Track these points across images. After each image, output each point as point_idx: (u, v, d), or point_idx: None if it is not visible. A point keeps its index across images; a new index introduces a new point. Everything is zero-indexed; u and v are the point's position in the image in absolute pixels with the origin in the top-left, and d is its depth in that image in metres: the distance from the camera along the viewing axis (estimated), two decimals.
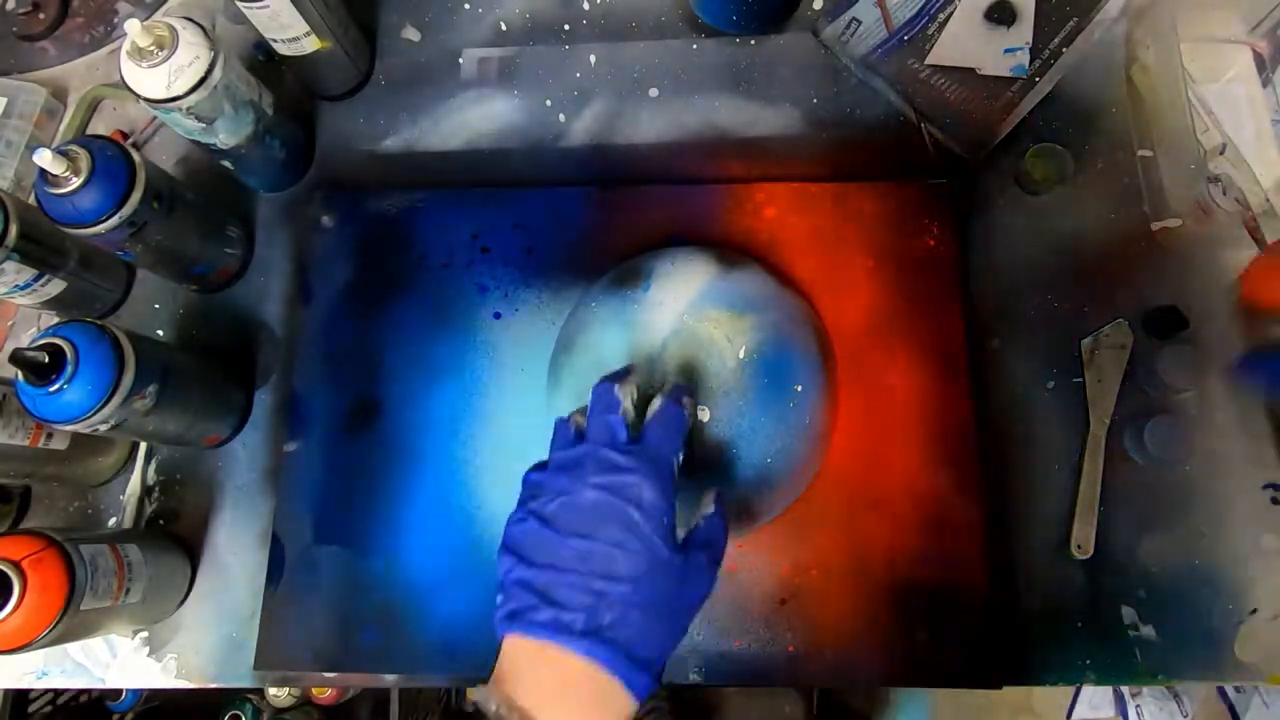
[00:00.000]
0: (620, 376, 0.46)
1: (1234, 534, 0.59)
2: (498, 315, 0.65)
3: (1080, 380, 0.62)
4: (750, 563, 0.59)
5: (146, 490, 0.65)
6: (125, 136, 0.73)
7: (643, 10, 0.74)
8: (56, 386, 0.50)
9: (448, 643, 0.58)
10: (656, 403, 0.45)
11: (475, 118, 0.72)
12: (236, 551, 0.63)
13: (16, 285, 0.59)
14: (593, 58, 0.73)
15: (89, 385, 0.51)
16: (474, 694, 0.38)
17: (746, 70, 0.71)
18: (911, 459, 0.60)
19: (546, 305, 0.65)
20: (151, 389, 0.54)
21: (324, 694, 1.15)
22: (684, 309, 0.56)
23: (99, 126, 0.75)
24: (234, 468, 0.65)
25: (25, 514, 0.66)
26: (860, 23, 0.69)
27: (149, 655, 0.62)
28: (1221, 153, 0.66)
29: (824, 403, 0.59)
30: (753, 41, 0.72)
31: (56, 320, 0.63)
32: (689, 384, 0.52)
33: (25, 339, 0.68)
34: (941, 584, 0.57)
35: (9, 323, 0.70)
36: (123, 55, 0.56)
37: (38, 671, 0.63)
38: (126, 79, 0.56)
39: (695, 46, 0.72)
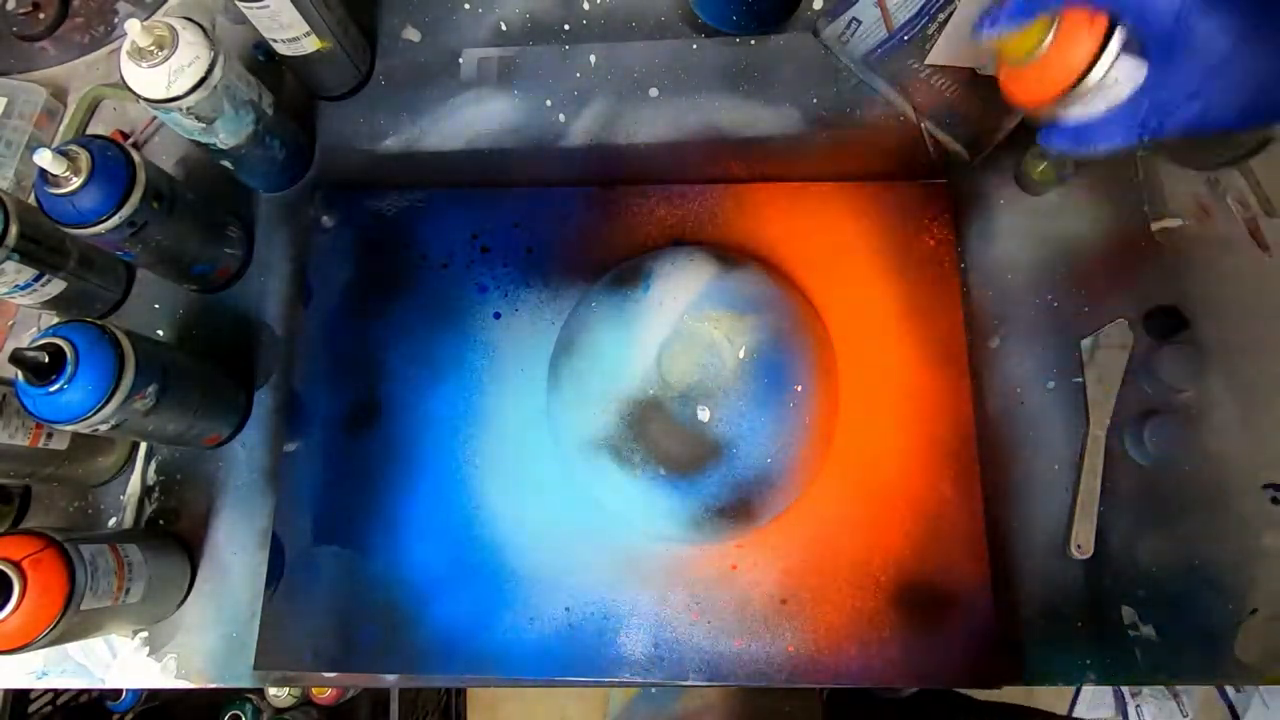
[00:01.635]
0: None
1: (1234, 534, 0.59)
2: (498, 315, 0.65)
3: (1080, 380, 0.62)
4: (750, 563, 0.59)
5: (146, 490, 0.65)
6: (125, 136, 0.73)
7: (643, 10, 0.74)
8: (56, 386, 0.50)
9: (448, 643, 0.58)
10: None
11: (475, 118, 0.72)
12: (236, 551, 0.63)
13: (16, 285, 0.59)
14: (593, 58, 0.73)
15: (89, 385, 0.51)
16: None
17: (746, 70, 0.71)
18: (911, 459, 0.60)
19: (546, 305, 0.65)
20: (151, 389, 0.54)
21: (324, 694, 1.15)
22: (684, 309, 0.56)
23: (99, 126, 0.75)
24: (234, 468, 0.65)
25: (25, 514, 0.66)
26: (860, 23, 0.69)
27: (149, 655, 0.62)
28: None
29: (824, 403, 0.59)
30: (753, 41, 0.72)
31: (56, 320, 0.63)
32: None
33: (25, 339, 0.68)
34: (941, 584, 0.57)
35: (9, 323, 0.70)
36: (123, 55, 0.56)
37: (38, 671, 0.63)
38: (126, 79, 0.56)
39: (695, 46, 0.72)
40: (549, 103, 0.72)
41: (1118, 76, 0.44)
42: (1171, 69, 0.42)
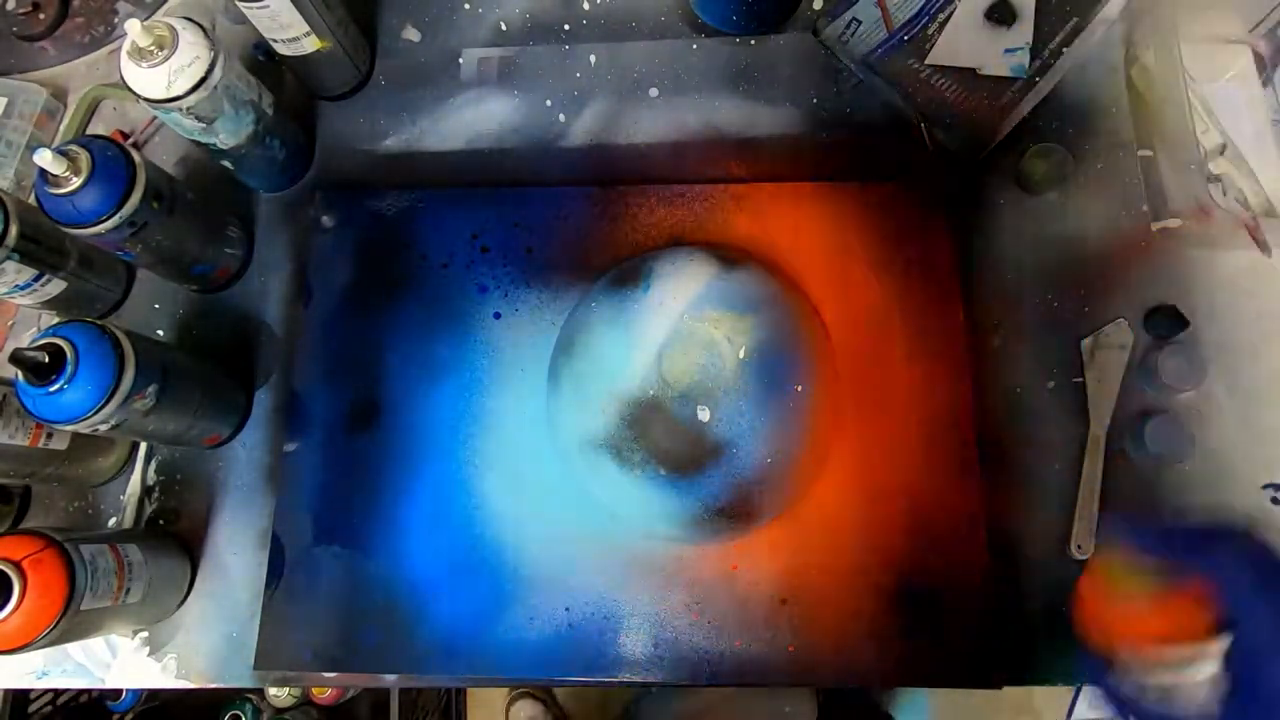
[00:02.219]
0: None
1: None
2: (498, 315, 0.65)
3: (1080, 380, 0.62)
4: (750, 563, 0.59)
5: (146, 490, 0.65)
6: (125, 136, 0.73)
7: (643, 10, 0.74)
8: (56, 386, 0.50)
9: (448, 643, 0.58)
10: None
11: (475, 118, 0.72)
12: (236, 551, 0.63)
13: (16, 285, 0.59)
14: (593, 58, 0.73)
15: (89, 385, 0.51)
16: None
17: (746, 70, 0.71)
18: (911, 459, 0.60)
19: (546, 305, 0.65)
20: (151, 389, 0.54)
21: (324, 694, 1.15)
22: (684, 309, 0.56)
23: (99, 126, 0.75)
24: (234, 468, 0.65)
25: (25, 514, 0.66)
26: (860, 23, 0.69)
27: (149, 655, 0.62)
28: (1221, 153, 0.66)
29: (824, 403, 0.59)
30: (753, 41, 0.72)
31: (56, 320, 0.63)
32: None
33: (25, 339, 0.68)
34: (941, 584, 0.57)
35: (9, 323, 0.70)
36: (123, 55, 0.56)
37: (38, 671, 0.63)
38: (126, 79, 0.56)
39: (695, 46, 0.72)
40: (549, 103, 0.72)
41: (1186, 679, 0.38)
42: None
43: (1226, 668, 0.37)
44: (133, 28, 0.54)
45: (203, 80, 0.56)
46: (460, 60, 0.74)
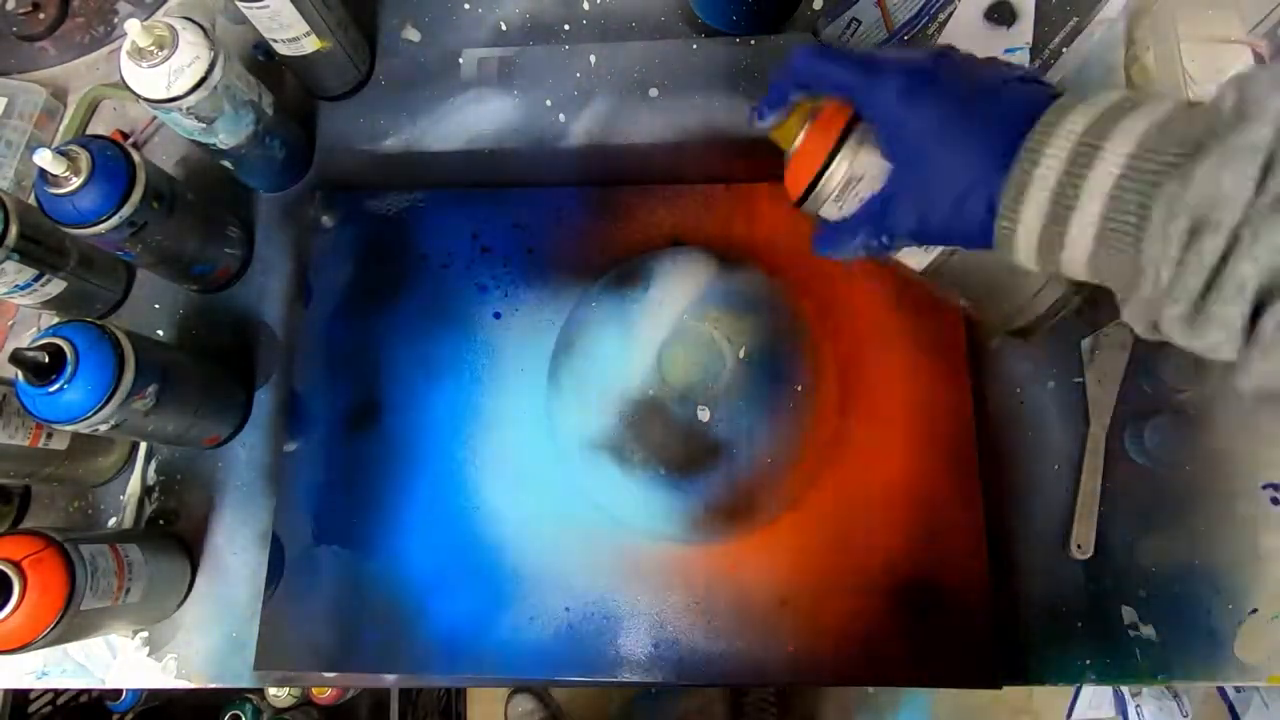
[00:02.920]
0: None
1: (1234, 534, 0.59)
2: (498, 315, 0.65)
3: (1080, 380, 0.62)
4: (750, 563, 0.59)
5: (146, 490, 0.65)
6: (125, 136, 0.73)
7: (643, 10, 0.74)
8: (56, 386, 0.50)
9: (448, 643, 0.58)
10: None
11: (475, 118, 0.72)
12: (236, 551, 0.63)
13: (16, 285, 0.59)
14: (593, 58, 0.73)
15: (89, 385, 0.51)
16: None
17: (746, 70, 0.71)
18: (911, 459, 0.60)
19: (546, 305, 0.65)
20: (151, 389, 0.54)
21: (324, 694, 1.15)
22: (684, 309, 0.56)
23: (99, 126, 0.75)
24: (234, 468, 0.65)
25: (25, 514, 0.66)
26: (860, 23, 0.69)
27: (149, 655, 0.62)
28: None
29: (824, 403, 0.59)
30: (753, 41, 0.72)
31: (56, 320, 0.63)
32: None
33: (25, 339, 0.68)
34: (941, 584, 0.57)
35: (9, 323, 0.70)
36: (123, 55, 0.56)
37: (38, 671, 0.63)
38: (126, 79, 0.56)
39: (695, 46, 0.72)
40: (549, 103, 0.72)
41: (859, 175, 0.42)
42: (896, 168, 0.40)
43: (879, 150, 0.41)
44: (133, 28, 0.54)
45: (203, 80, 0.56)
46: (460, 60, 0.74)
